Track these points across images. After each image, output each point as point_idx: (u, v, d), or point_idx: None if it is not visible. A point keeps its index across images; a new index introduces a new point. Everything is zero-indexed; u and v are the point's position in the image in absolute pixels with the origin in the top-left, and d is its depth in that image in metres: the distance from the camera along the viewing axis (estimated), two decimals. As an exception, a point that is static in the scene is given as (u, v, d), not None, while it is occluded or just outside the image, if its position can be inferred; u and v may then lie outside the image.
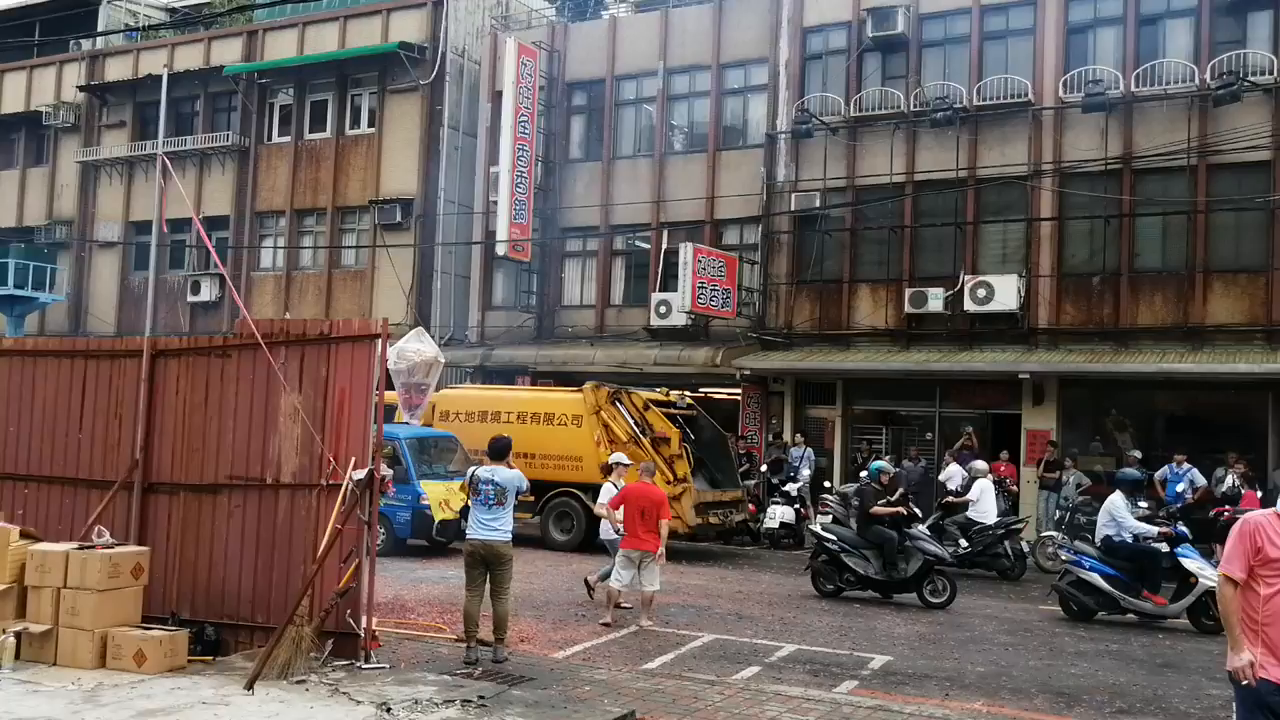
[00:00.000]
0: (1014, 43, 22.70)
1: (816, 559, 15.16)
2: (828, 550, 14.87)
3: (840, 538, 14.91)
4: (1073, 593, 13.85)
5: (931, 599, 14.35)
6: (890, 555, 14.50)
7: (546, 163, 27.35)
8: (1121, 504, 13.76)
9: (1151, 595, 13.42)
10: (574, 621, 12.58)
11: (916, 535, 14.65)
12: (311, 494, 9.19)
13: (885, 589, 14.67)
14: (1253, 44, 20.56)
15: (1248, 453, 19.14)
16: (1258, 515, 5.34)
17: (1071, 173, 21.68)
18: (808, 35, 24.79)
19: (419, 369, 18.93)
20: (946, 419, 22.91)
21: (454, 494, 17.02)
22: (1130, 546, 13.57)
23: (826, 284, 23.88)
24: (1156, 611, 13.40)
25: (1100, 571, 13.59)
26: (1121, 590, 13.45)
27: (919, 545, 14.51)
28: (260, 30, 31.90)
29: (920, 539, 14.61)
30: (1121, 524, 13.64)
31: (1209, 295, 20.57)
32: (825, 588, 14.97)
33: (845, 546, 14.77)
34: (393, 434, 17.26)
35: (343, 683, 8.33)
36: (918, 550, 14.48)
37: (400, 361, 18.67)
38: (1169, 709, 9.46)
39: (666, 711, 8.33)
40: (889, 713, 8.59)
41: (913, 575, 14.45)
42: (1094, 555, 13.76)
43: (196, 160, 31.90)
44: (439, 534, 17.70)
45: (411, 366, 18.81)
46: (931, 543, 14.74)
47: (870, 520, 14.73)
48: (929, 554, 14.48)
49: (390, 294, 28.24)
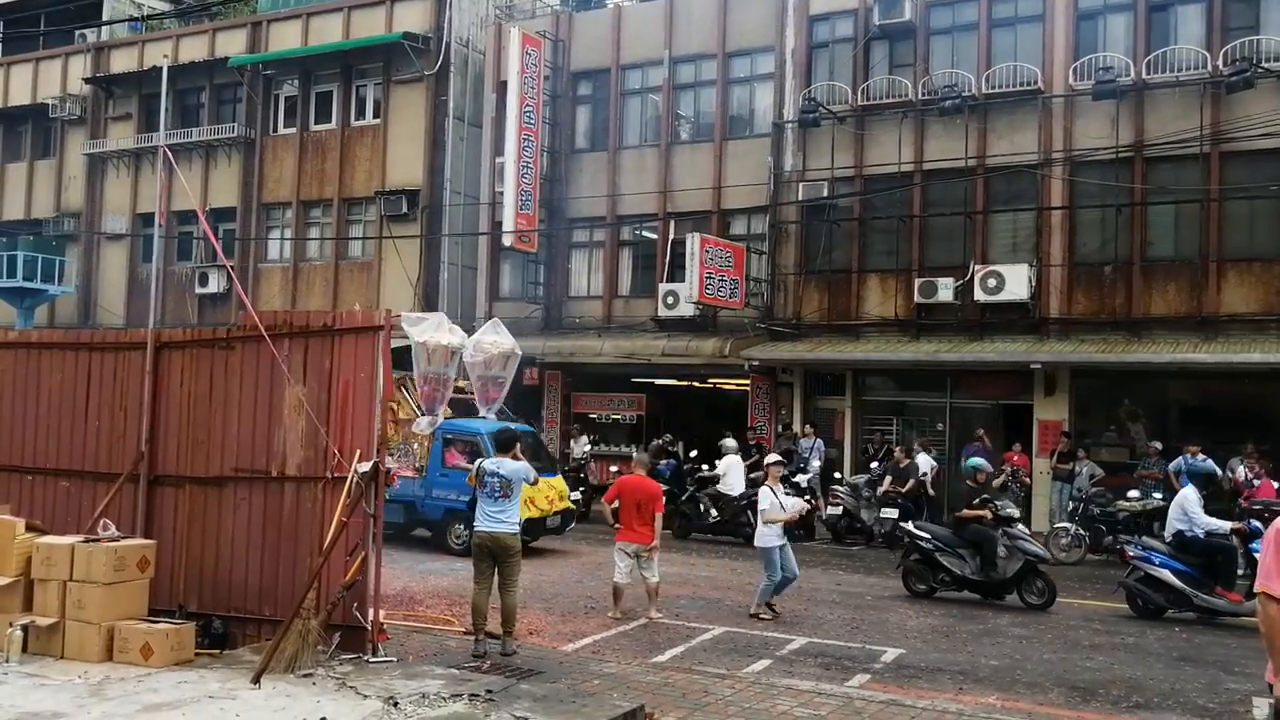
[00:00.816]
0: (1023, 30, 22.50)
1: (908, 558, 14.68)
2: (921, 549, 14.38)
3: (935, 536, 14.39)
4: (1141, 589, 13.42)
5: (1031, 600, 13.80)
6: (990, 555, 13.95)
7: (552, 153, 27.24)
8: (1194, 498, 13.46)
9: (1226, 592, 13.03)
10: (583, 614, 12.51)
11: (1017, 535, 14.04)
12: (317, 486, 9.11)
13: (983, 590, 14.10)
14: (1266, 29, 20.34)
15: (1263, 443, 18.98)
16: None
17: (1082, 161, 21.50)
18: (814, 23, 24.62)
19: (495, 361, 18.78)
20: (957, 409, 22.79)
21: (539, 491, 16.31)
22: (1203, 542, 13.21)
23: (835, 274, 23.74)
24: (1230, 609, 12.97)
25: (1171, 568, 13.18)
26: (1194, 587, 13.06)
27: (1019, 545, 13.91)
28: (265, 21, 31.80)
29: (1021, 538, 13.99)
30: (1194, 519, 13.31)
31: (1223, 284, 20.39)
32: (917, 588, 14.46)
33: (940, 545, 14.23)
34: (474, 429, 17.10)
35: (350, 676, 8.25)
36: (1018, 550, 13.90)
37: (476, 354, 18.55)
38: (1187, 703, 9.35)
39: (676, 706, 8.24)
40: (902, 707, 8.50)
41: (1012, 576, 13.91)
42: (1164, 551, 13.36)
43: (203, 152, 31.84)
44: (526, 533, 17.30)
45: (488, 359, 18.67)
46: (1032, 542, 14.15)
47: (966, 519, 14.26)
48: (1030, 554, 13.88)
49: (397, 285, 28.17)
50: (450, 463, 17.38)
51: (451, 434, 17.38)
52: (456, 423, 17.57)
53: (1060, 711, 8.87)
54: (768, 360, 23.50)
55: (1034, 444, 21.33)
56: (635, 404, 26.78)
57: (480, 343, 18.44)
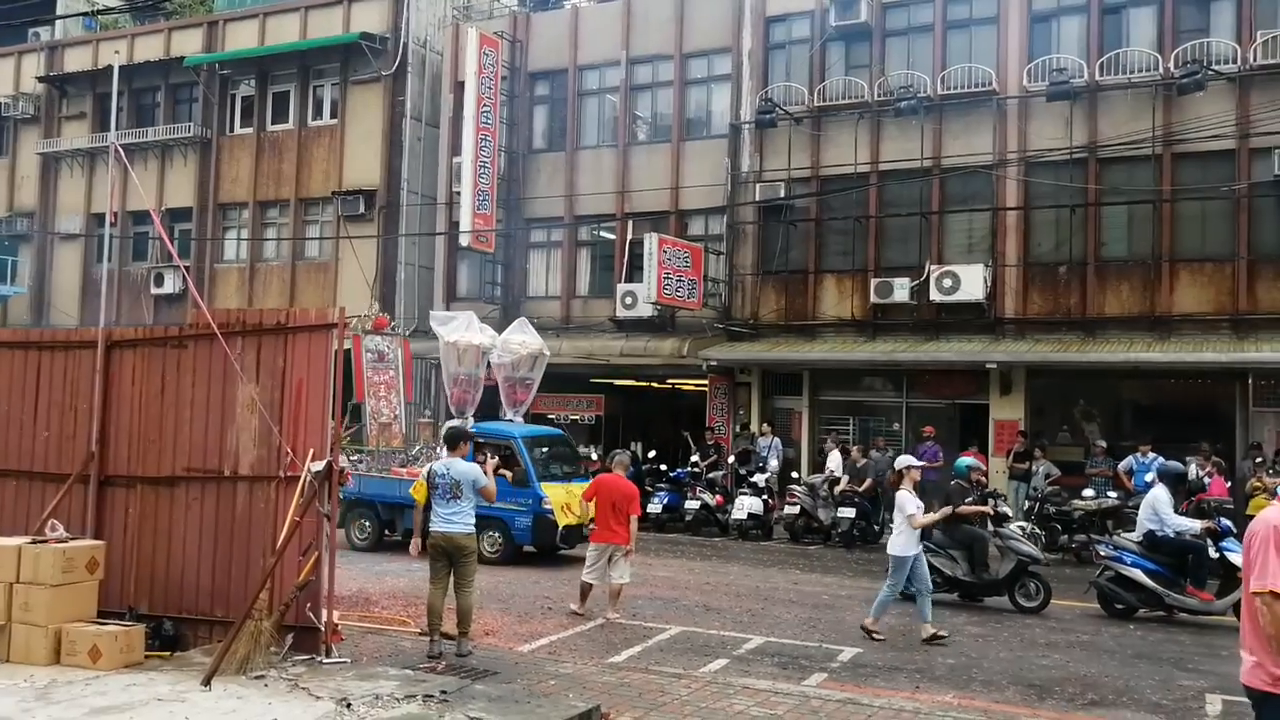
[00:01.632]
0: (977, 31, 22.71)
1: None
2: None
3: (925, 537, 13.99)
4: (1114, 589, 13.35)
5: (1024, 602, 13.59)
6: (981, 556, 13.73)
7: (510, 153, 27.18)
8: (1165, 498, 13.39)
9: (1197, 591, 13.00)
10: (540, 615, 12.46)
11: (1009, 535, 13.83)
12: (270, 486, 9.01)
13: (974, 591, 13.91)
14: (1216, 32, 20.64)
15: (1216, 442, 19.23)
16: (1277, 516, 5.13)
17: (1036, 162, 21.71)
18: (771, 24, 24.73)
19: (523, 363, 18.59)
20: (914, 409, 22.94)
21: (574, 497, 15.97)
22: (1174, 541, 13.16)
23: (792, 274, 23.83)
24: (1202, 608, 12.95)
25: (1142, 567, 13.14)
26: (1165, 586, 13.00)
27: (1011, 545, 13.69)
28: (221, 21, 31.59)
29: (1013, 539, 13.76)
30: (1165, 519, 13.26)
31: (1175, 284, 20.65)
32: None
33: (931, 546, 13.74)
34: (508, 432, 16.92)
35: (302, 678, 8.16)
36: (1010, 550, 13.68)
37: (504, 355, 18.31)
38: (1141, 700, 9.43)
39: (632, 706, 8.22)
40: (859, 706, 8.51)
41: (1004, 577, 13.70)
42: (1135, 551, 13.32)
43: (158, 152, 31.54)
44: (563, 540, 16.57)
45: (515, 360, 18.45)
46: (1025, 543, 13.84)
47: (958, 519, 13.84)
48: (1023, 555, 13.62)
49: (354, 285, 27.97)
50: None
51: (482, 437, 16.54)
52: (488, 426, 17.34)
53: (1016, 709, 8.90)
54: (725, 360, 23.56)
55: (990, 443, 21.50)
56: (594, 404, 26.73)
57: (508, 343, 18.20)
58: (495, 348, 18.34)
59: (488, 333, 18.56)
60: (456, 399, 18.12)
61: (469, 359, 18.24)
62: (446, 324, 18.46)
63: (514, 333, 18.57)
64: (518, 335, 18.62)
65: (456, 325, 18.34)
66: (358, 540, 17.51)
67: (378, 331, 21.63)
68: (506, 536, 16.52)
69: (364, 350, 21.20)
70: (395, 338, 21.76)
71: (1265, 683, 5.07)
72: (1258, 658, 5.08)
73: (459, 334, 18.10)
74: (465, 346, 18.11)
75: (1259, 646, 5.08)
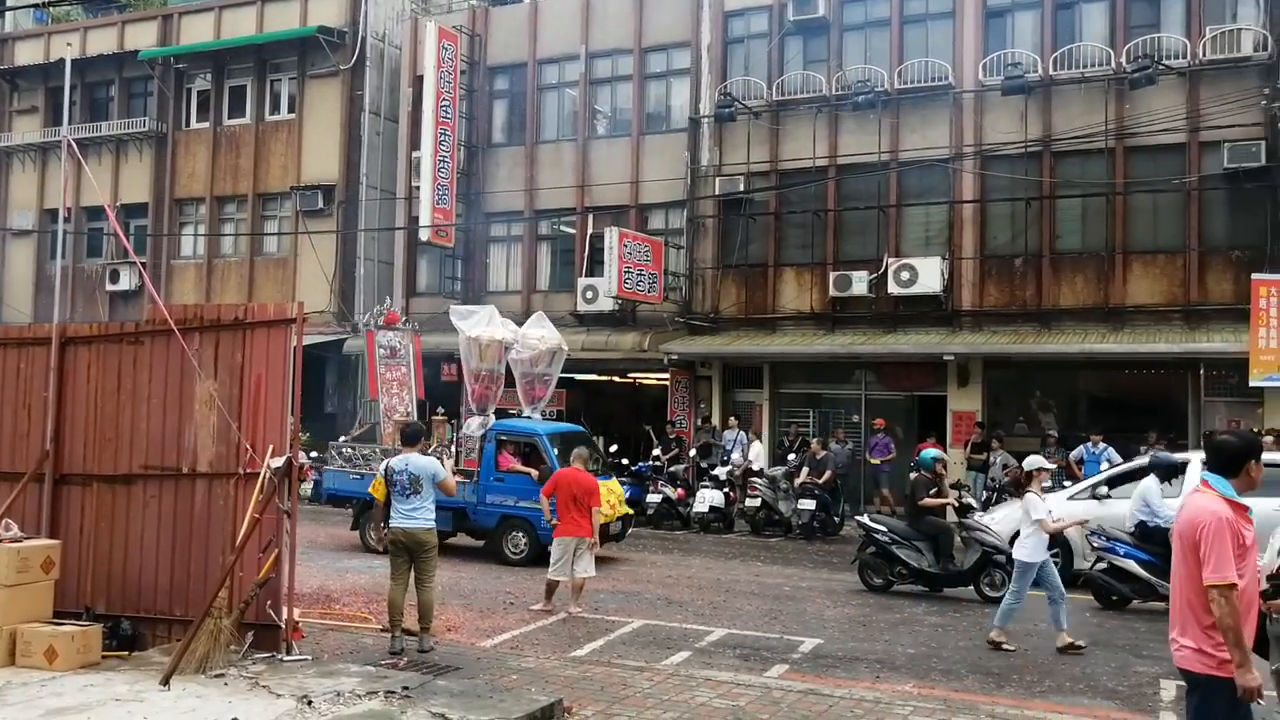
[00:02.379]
0: (934, 26, 22.87)
1: (864, 551, 14.36)
2: (877, 542, 14.05)
3: (891, 529, 14.08)
4: (1108, 581, 13.37)
5: (989, 592, 13.50)
6: (946, 547, 13.77)
7: (469, 147, 27.09)
8: (1155, 488, 13.47)
9: None
10: (502, 610, 12.46)
11: (974, 526, 13.82)
12: (229, 483, 8.96)
13: (939, 583, 13.87)
14: (1166, 28, 20.90)
15: (1169, 431, 19.51)
16: (1221, 508, 5.27)
17: (992, 155, 21.90)
18: (729, 19, 24.79)
19: (541, 358, 18.05)
20: (873, 401, 23.08)
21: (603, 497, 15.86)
22: (1166, 531, 12.88)
23: (752, 268, 23.92)
24: None
25: (1135, 558, 13.16)
26: (1159, 576, 12.79)
27: (976, 536, 13.65)
28: (175, 14, 31.26)
29: (978, 529, 13.74)
30: (1156, 509, 13.30)
31: (1128, 276, 20.90)
32: (874, 581, 14.18)
33: (897, 538, 13.93)
34: (532, 429, 16.48)
35: (263, 675, 8.14)
36: (975, 541, 13.64)
37: (522, 350, 17.72)
38: (1098, 686, 9.57)
39: (595, 699, 8.25)
40: (820, 696, 8.58)
41: (970, 568, 13.69)
42: (1128, 542, 13.35)
43: (113, 146, 31.20)
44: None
45: (534, 356, 17.86)
46: (990, 534, 13.74)
47: (922, 511, 13.98)
48: (987, 545, 13.57)
49: (314, 281, 27.79)
50: (504, 466, 16.27)
51: (505, 435, 16.48)
52: (511, 423, 16.99)
53: (975, 698, 8.98)
54: (686, 354, 23.62)
55: (948, 435, 21.69)
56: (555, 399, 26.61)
57: (526, 338, 17.78)
58: (516, 343, 17.81)
59: (509, 327, 18.00)
60: (478, 395, 17.46)
61: (491, 354, 17.52)
62: (467, 318, 17.72)
63: (532, 327, 18.08)
64: (536, 330, 18.08)
65: (478, 320, 17.60)
66: (373, 543, 16.46)
67: (390, 327, 21.38)
68: (532, 537, 15.88)
69: (376, 346, 20.97)
70: (407, 333, 21.48)
71: (1210, 667, 5.24)
72: (1198, 644, 5.26)
73: (480, 329, 17.42)
74: (488, 341, 17.44)
75: (1200, 634, 5.25)
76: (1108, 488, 15.33)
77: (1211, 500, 5.34)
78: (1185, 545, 5.34)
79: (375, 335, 21.08)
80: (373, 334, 21.19)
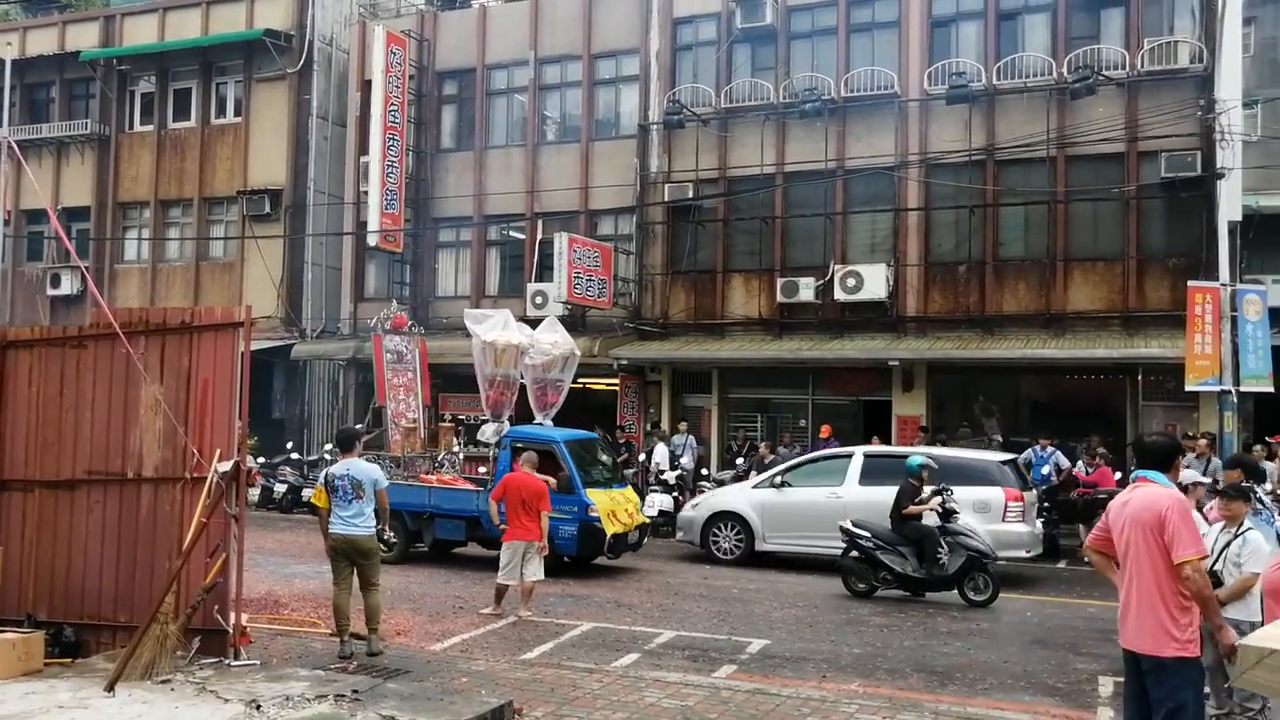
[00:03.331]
0: (880, 35, 23.13)
1: (848, 556, 14.30)
2: (861, 548, 14.02)
3: (875, 534, 14.01)
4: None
5: (973, 597, 13.60)
6: (931, 552, 13.72)
7: (418, 152, 27.02)
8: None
9: None
10: (452, 614, 12.45)
11: (958, 530, 13.83)
12: (175, 488, 8.90)
13: (923, 587, 13.89)
14: (1106, 39, 21.29)
15: (1108, 435, 19.87)
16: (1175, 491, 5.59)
17: (937, 164, 22.18)
18: (678, 26, 24.92)
19: (555, 364, 17.67)
20: (820, 406, 23.29)
21: (618, 503, 15.70)
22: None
23: (701, 274, 24.05)
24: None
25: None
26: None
27: (961, 541, 13.70)
28: (118, 15, 30.87)
29: (963, 534, 13.80)
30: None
31: (1069, 283, 21.25)
32: (857, 587, 14.14)
33: (881, 543, 13.90)
34: (550, 436, 16.11)
35: (210, 681, 8.09)
36: (960, 546, 13.68)
37: (536, 356, 17.30)
38: (1038, 684, 9.75)
39: (545, 701, 8.29)
40: (767, 695, 8.67)
41: (954, 573, 13.70)
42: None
43: (54, 149, 30.77)
44: (610, 550, 15.70)
45: (547, 361, 17.44)
46: (975, 538, 13.89)
47: (906, 516, 13.96)
48: (972, 550, 13.66)
49: (260, 286, 27.58)
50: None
51: (521, 442, 15.83)
52: (527, 430, 16.68)
53: (919, 695, 9.12)
54: (636, 359, 23.70)
55: (893, 439, 21.90)
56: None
57: (539, 343, 17.49)
58: (531, 348, 17.47)
59: (525, 331, 17.52)
60: (492, 401, 17.08)
61: (506, 359, 17.12)
62: (482, 322, 17.29)
63: (545, 332, 17.82)
64: (549, 335, 17.79)
65: (493, 324, 17.21)
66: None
67: (397, 331, 21.10)
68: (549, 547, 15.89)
69: (384, 351, 20.65)
70: (413, 337, 21.24)
71: (1178, 648, 5.46)
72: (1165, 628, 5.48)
73: (496, 333, 17.01)
74: (504, 346, 17.02)
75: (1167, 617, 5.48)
76: (781, 477, 16.97)
77: (1160, 488, 5.61)
78: (1147, 532, 5.54)
79: (383, 340, 20.84)
80: (380, 338, 20.94)
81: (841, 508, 15.55)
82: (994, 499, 15.33)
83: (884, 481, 15.23)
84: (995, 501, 15.33)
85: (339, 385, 27.77)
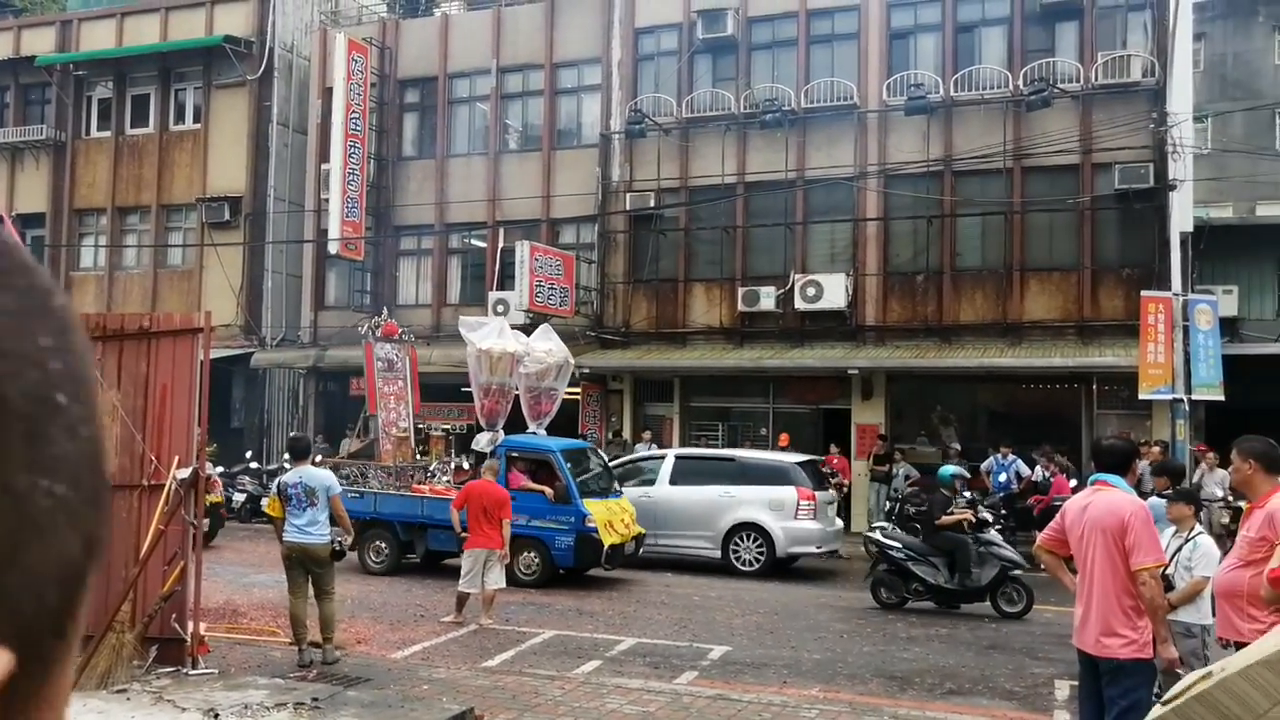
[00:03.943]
0: (839, 47, 23.33)
1: (878, 568, 14.13)
2: (892, 559, 13.83)
3: (906, 545, 13.83)
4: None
5: (1006, 608, 13.45)
6: (964, 563, 13.48)
7: (379, 160, 26.95)
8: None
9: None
10: (413, 622, 12.43)
11: (990, 540, 13.60)
12: (133, 495, 8.84)
13: (956, 599, 13.68)
14: (1061, 53, 21.61)
15: (1064, 443, 20.10)
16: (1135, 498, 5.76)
17: (895, 174, 22.39)
18: (640, 36, 25.03)
19: (549, 372, 17.52)
20: (780, 414, 23.41)
21: (615, 514, 15.52)
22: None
23: (662, 283, 24.14)
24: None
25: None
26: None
27: (994, 551, 13.46)
28: (75, 20, 30.59)
29: (995, 544, 13.57)
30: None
31: (1026, 293, 21.51)
32: (889, 599, 13.95)
33: (913, 555, 13.70)
34: (545, 446, 15.98)
35: (168, 690, 8.05)
36: (993, 556, 13.43)
37: (530, 365, 17.13)
38: (996, 688, 9.88)
39: (506, 708, 8.30)
40: (728, 701, 8.73)
41: (987, 583, 13.48)
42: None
43: (8, 154, 30.44)
44: (607, 561, 15.47)
45: (541, 370, 17.30)
46: (1007, 548, 13.65)
47: (939, 527, 13.75)
48: (1005, 559, 13.41)
49: (220, 294, 27.35)
50: (515, 484, 15.26)
51: (516, 451, 15.83)
52: (521, 439, 16.54)
53: (879, 700, 9.21)
54: (598, 368, 23.72)
55: (852, 447, 22.08)
56: (465, 414, 26.53)
57: (533, 351, 17.37)
58: (527, 356, 17.34)
59: (520, 339, 17.31)
60: (487, 410, 16.92)
61: (502, 367, 16.90)
62: (477, 330, 17.12)
63: (539, 340, 17.75)
64: (543, 343, 17.74)
65: (489, 331, 17.04)
66: (373, 563, 15.98)
67: (388, 339, 20.93)
68: (545, 558, 15.34)
69: (374, 359, 20.47)
70: (404, 345, 21.06)
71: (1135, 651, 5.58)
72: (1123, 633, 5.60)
73: (491, 341, 16.82)
74: (499, 354, 16.80)
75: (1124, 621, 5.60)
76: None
77: (1122, 494, 5.73)
78: (1108, 537, 5.64)
79: (374, 347, 20.69)
80: (371, 346, 20.78)
81: (651, 505, 16.66)
82: (788, 498, 16.44)
83: (692, 482, 17.11)
84: (789, 500, 16.43)
85: (299, 394, 27.61)
